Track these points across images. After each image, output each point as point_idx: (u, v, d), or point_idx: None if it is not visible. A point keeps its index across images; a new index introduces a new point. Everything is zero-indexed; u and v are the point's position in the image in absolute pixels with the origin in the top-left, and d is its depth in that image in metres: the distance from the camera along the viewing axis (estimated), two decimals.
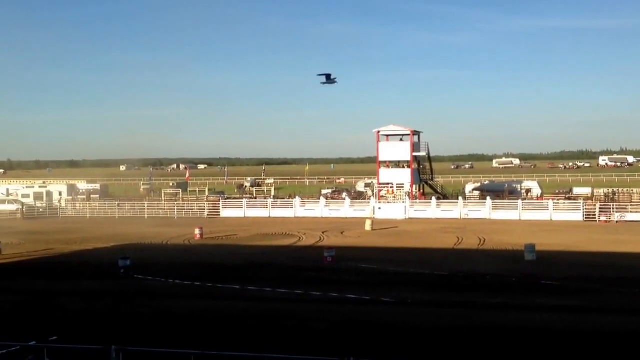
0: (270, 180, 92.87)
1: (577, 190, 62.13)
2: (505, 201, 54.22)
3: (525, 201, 54.05)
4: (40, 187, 67.00)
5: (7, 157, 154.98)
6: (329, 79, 30.18)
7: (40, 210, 60.62)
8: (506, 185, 62.85)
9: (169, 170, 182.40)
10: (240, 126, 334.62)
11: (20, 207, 59.58)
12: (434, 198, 55.72)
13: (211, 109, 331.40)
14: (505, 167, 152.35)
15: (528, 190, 61.15)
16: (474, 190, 63.53)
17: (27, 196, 64.06)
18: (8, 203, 61.25)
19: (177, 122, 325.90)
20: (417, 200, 55.89)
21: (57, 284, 25.42)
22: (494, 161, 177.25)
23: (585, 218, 49.16)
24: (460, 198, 55.71)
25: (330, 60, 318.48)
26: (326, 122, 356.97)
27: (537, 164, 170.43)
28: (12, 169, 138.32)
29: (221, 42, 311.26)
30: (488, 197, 53.82)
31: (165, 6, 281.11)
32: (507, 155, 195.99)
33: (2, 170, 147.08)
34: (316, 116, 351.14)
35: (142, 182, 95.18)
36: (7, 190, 66.28)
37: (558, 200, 55.64)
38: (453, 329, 17.30)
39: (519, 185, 63.57)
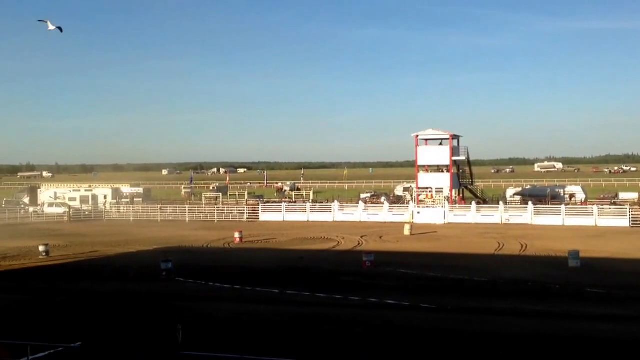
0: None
1: (623, 195, 60.67)
2: (547, 206, 53.27)
3: (568, 206, 52.97)
4: (86, 190, 68.43)
5: (55, 162, 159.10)
6: None
7: (86, 213, 61.94)
8: (549, 190, 61.76)
9: (210, 174, 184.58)
10: (279, 130, 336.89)
11: (67, 210, 61.00)
12: (473, 203, 55.11)
13: (251, 113, 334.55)
14: (547, 171, 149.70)
15: (572, 195, 59.98)
16: (515, 194, 62.64)
17: (74, 199, 65.52)
18: (56, 206, 62.78)
19: (218, 126, 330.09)
20: (457, 205, 55.33)
21: (102, 286, 25.96)
22: (536, 165, 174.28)
23: (632, 224, 47.93)
24: (500, 203, 54.96)
25: (368, 65, 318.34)
26: (365, 126, 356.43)
27: (580, 168, 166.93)
28: (60, 173, 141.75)
29: (261, 48, 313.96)
30: (530, 202, 52.97)
31: (204, 14, 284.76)
32: (549, 159, 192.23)
33: (50, 174, 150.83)
34: (355, 120, 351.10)
35: (183, 186, 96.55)
36: (55, 193, 67.86)
37: (603, 205, 54.38)
38: (494, 336, 17.07)
39: (562, 190, 62.34)
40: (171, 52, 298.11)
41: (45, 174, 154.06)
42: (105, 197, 66.13)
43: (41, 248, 34.84)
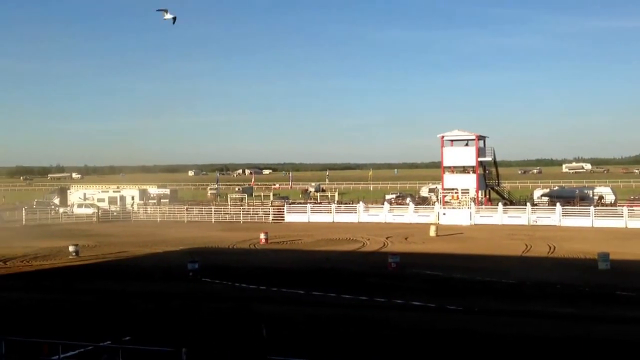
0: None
1: None
2: (576, 207, 52.58)
3: (597, 208, 52.23)
4: (114, 191, 69.31)
5: (84, 163, 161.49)
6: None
7: (114, 214, 62.76)
8: (577, 191, 60.91)
9: (235, 175, 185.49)
10: (304, 131, 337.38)
11: (96, 210, 61.88)
12: (500, 204, 54.64)
13: (276, 114, 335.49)
14: (575, 172, 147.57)
15: (601, 197, 59.07)
16: (542, 196, 61.95)
17: (102, 200, 66.42)
18: (85, 207, 63.74)
19: (243, 127, 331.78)
20: (483, 206, 54.92)
21: (130, 286, 26.31)
22: (564, 166, 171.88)
23: None
24: (528, 204, 54.41)
25: (393, 65, 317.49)
26: (390, 127, 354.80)
27: (610, 169, 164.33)
28: (89, 174, 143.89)
29: (285, 49, 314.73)
30: (558, 204, 52.33)
31: (227, 15, 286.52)
32: (577, 160, 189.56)
33: (79, 176, 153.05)
34: (380, 121, 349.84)
35: (209, 187, 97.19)
36: (84, 194, 68.86)
37: (633, 206, 53.49)
38: (522, 338, 16.92)
39: (591, 191, 61.45)
40: (196, 53, 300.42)
41: (74, 175, 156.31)
42: (132, 198, 66.91)
43: (71, 248, 35.41)
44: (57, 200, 69.42)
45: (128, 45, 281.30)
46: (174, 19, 29.43)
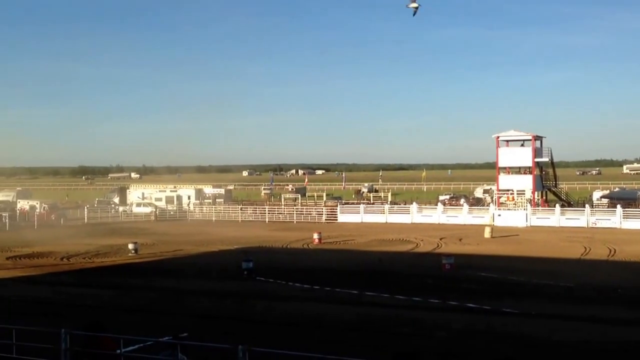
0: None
1: None
2: (637, 210, 51.01)
3: None
4: (171, 191, 70.86)
5: (142, 163, 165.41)
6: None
7: (171, 213, 64.19)
8: (639, 193, 59.06)
9: (288, 175, 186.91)
10: (357, 132, 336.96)
11: (154, 209, 63.44)
12: (557, 205, 53.46)
13: (329, 114, 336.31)
14: (637, 173, 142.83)
15: None
16: (602, 197, 60.39)
17: (160, 200, 68.03)
18: (143, 206, 65.44)
19: (297, 128, 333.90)
20: (540, 208, 53.85)
21: (186, 283, 26.94)
22: (625, 167, 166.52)
23: None
24: (587, 206, 53.09)
25: (448, 65, 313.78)
26: (444, 127, 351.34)
27: None
28: (147, 174, 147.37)
29: (340, 49, 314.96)
30: (618, 205, 50.85)
31: (279, 14, 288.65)
32: (639, 161, 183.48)
33: (138, 175, 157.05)
34: (434, 121, 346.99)
35: (263, 187, 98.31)
36: (143, 194, 70.67)
37: None
38: (580, 344, 16.60)
39: None
40: (251, 53, 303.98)
41: (133, 175, 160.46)
42: (189, 197, 68.28)
43: (130, 246, 36.45)
44: (117, 200, 71.47)
45: (182, 46, 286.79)
46: (416, 9, 28.58)
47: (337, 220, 57.62)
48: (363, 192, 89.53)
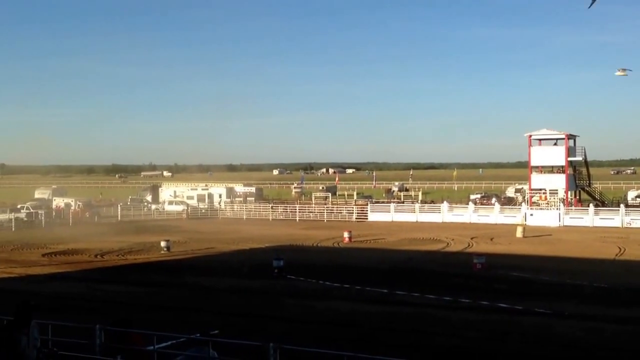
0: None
1: None
2: None
3: None
4: (202, 189, 71.46)
5: (174, 162, 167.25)
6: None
7: (203, 211, 64.75)
8: None
9: (319, 174, 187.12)
10: (388, 130, 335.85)
11: (186, 208, 64.11)
12: (591, 205, 52.62)
13: (359, 113, 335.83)
14: None
15: None
16: (637, 197, 59.18)
17: (192, 198, 68.67)
18: (175, 204, 66.16)
19: (327, 127, 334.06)
20: (573, 207, 53.07)
21: (217, 281, 27.21)
22: None
23: None
24: (621, 205, 52.13)
25: (479, 64, 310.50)
26: (475, 126, 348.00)
27: None
28: (178, 172, 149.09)
29: (369, 48, 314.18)
30: None
31: (310, 14, 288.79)
32: None
33: (170, 174, 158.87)
34: (465, 120, 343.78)
35: (293, 186, 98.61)
36: (174, 192, 71.43)
37: None
38: (614, 346, 16.35)
39: None
40: (281, 53, 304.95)
41: (165, 173, 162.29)
42: (220, 195, 68.78)
43: (163, 243, 36.92)
44: (149, 198, 72.34)
45: (214, 44, 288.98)
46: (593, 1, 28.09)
47: (367, 219, 57.54)
48: (393, 191, 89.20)
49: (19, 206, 58.55)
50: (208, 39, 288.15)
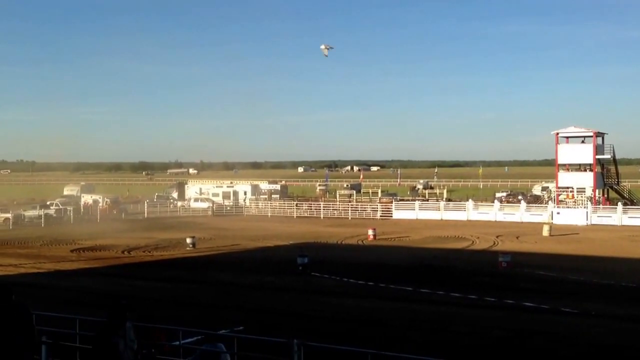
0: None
1: None
2: None
3: None
4: (227, 186, 71.98)
5: (199, 159, 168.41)
6: None
7: (228, 208, 65.19)
8: None
9: (343, 172, 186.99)
10: (412, 128, 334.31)
11: (211, 205, 64.60)
12: (619, 204, 51.88)
13: (384, 111, 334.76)
14: None
15: None
16: None
17: (217, 195, 69.23)
18: (201, 201, 66.73)
19: (352, 125, 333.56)
20: (601, 206, 52.35)
21: (242, 277, 27.38)
22: None
23: None
24: None
25: (507, 61, 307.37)
26: (501, 124, 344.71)
27: None
28: (204, 169, 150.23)
29: (395, 46, 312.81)
30: None
31: (339, 12, 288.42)
32: None
33: (195, 171, 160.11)
34: (490, 117, 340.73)
35: (318, 183, 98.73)
36: (200, 189, 72.05)
37: None
38: None
39: None
40: (305, 51, 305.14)
41: (191, 170, 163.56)
42: (245, 193, 69.23)
43: (188, 240, 37.24)
44: (175, 195, 73.09)
45: (236, 43, 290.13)
46: None
47: (391, 216, 57.41)
48: (418, 188, 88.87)
49: (48, 202, 59.58)
50: (230, 38, 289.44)
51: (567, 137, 56.41)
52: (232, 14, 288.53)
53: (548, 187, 65.67)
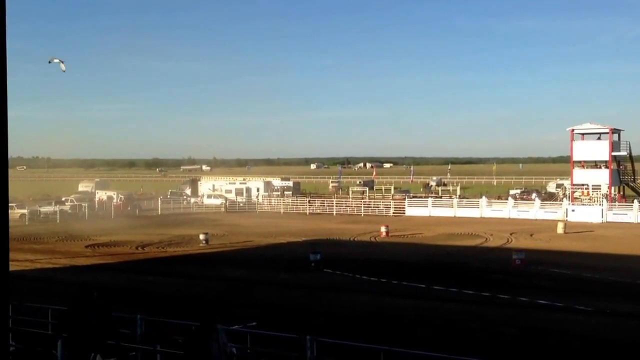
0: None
1: None
2: None
3: None
4: (240, 183, 72.11)
5: (213, 156, 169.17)
6: None
7: (241, 204, 65.34)
8: None
9: (356, 168, 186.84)
10: (426, 125, 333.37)
11: (224, 201, 64.78)
12: (635, 201, 51.35)
13: (397, 108, 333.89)
14: None
15: None
16: None
17: (230, 192, 69.36)
18: (214, 197, 66.95)
19: (365, 122, 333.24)
20: (616, 203, 51.91)
21: (255, 274, 27.45)
22: None
23: None
24: None
25: (522, 58, 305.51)
26: (515, 120, 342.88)
27: None
28: (217, 166, 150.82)
29: (408, 42, 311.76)
30: None
31: (354, 10, 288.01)
32: None
33: (209, 168, 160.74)
34: (504, 114, 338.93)
35: (330, 180, 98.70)
36: (213, 186, 72.25)
37: None
38: None
39: None
40: (319, 49, 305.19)
41: (204, 167, 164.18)
42: (257, 189, 69.32)
43: (201, 236, 37.36)
44: (188, 191, 73.36)
45: (253, 40, 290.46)
46: None
47: (404, 213, 57.27)
48: (431, 185, 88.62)
49: (63, 199, 59.99)
50: (246, 35, 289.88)
51: (583, 134, 55.99)
52: (245, 11, 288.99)
53: (563, 184, 65.23)
